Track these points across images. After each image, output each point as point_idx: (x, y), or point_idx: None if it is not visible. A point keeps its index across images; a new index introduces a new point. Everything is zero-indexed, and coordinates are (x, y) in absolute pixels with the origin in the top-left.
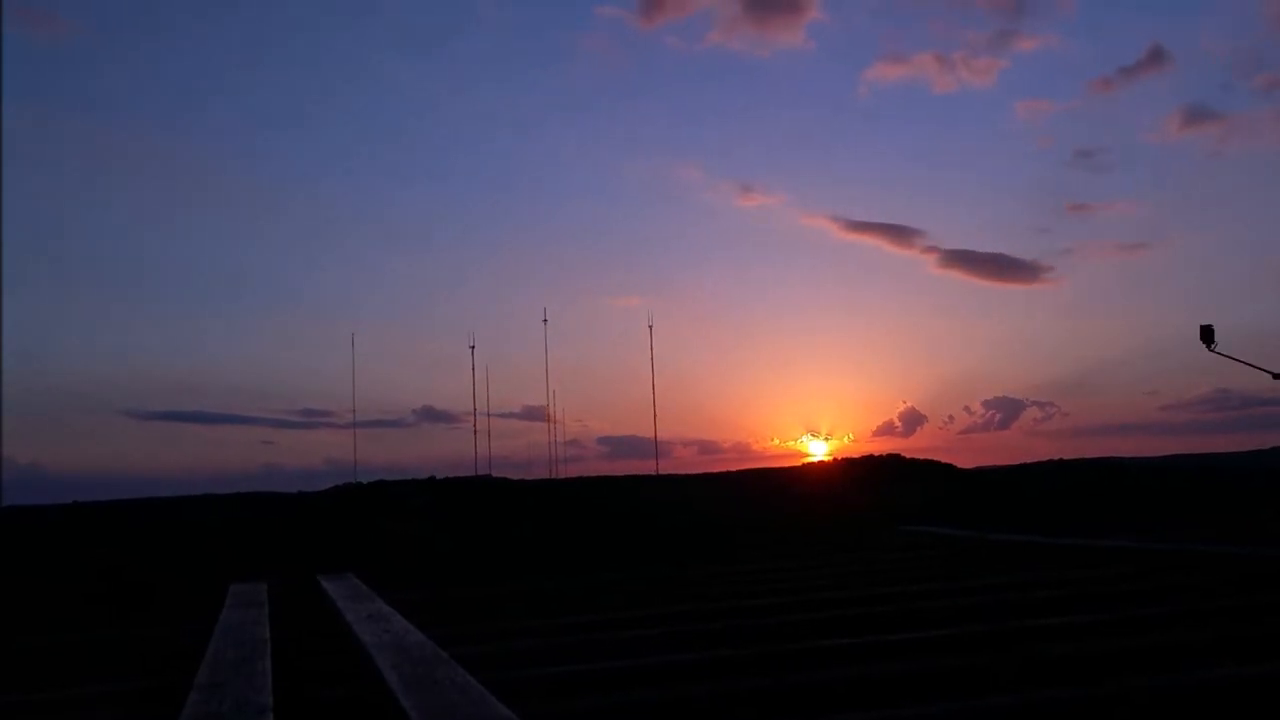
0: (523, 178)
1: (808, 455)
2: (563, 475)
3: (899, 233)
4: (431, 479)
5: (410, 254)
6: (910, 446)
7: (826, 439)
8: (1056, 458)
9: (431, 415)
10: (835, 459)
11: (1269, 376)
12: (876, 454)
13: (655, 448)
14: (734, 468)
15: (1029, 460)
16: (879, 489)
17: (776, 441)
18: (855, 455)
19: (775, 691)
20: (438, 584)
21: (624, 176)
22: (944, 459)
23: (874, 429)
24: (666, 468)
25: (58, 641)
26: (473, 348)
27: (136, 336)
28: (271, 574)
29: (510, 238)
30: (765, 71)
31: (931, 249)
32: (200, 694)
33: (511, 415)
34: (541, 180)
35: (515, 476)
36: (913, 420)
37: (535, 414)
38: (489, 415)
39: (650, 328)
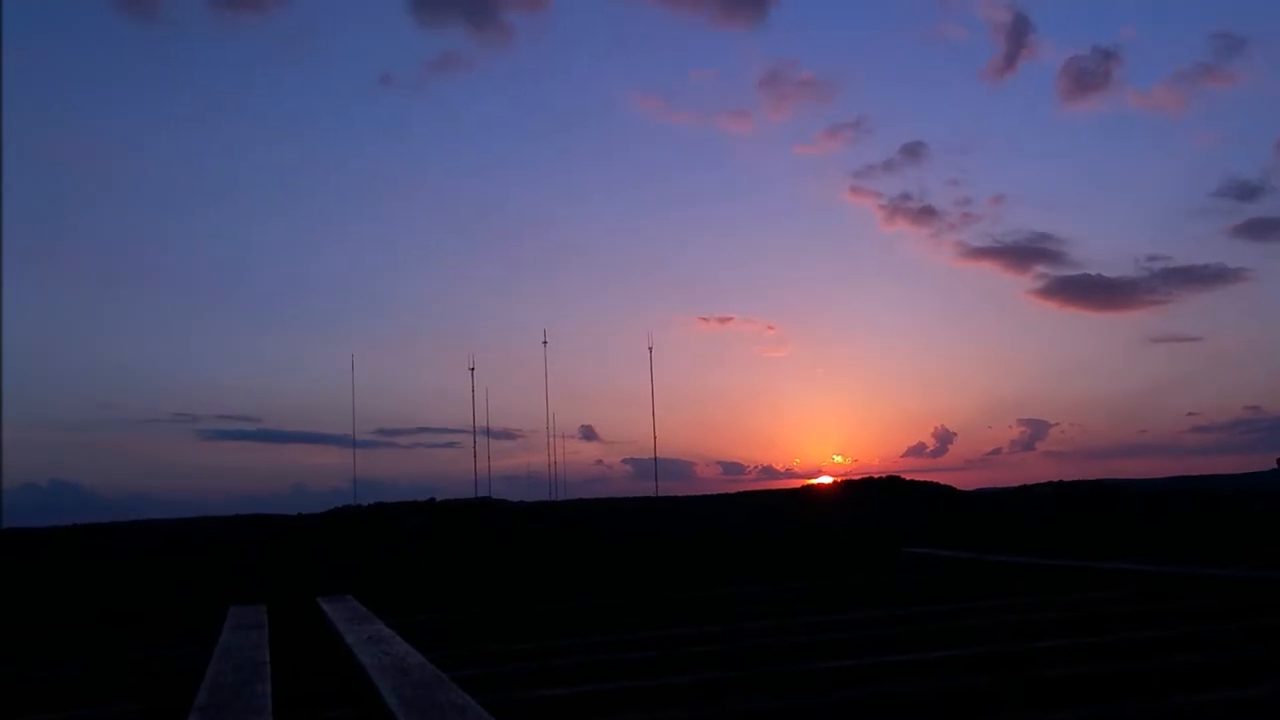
0: (700, 195)
1: (819, 477)
2: (580, 497)
3: (1013, 256)
4: (431, 501)
5: (458, 265)
6: (929, 466)
7: (853, 461)
8: (1056, 479)
9: (490, 433)
10: (835, 481)
11: None
12: (875, 476)
13: (655, 468)
14: (750, 489)
15: (1029, 481)
16: (876, 511)
17: (797, 461)
18: (855, 477)
19: (773, 713)
20: (437, 606)
21: (794, 198)
22: (960, 480)
23: (903, 450)
24: (689, 489)
25: (51, 665)
26: (472, 369)
27: (210, 353)
28: (270, 596)
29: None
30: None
31: (1040, 275)
32: (199, 716)
33: (568, 435)
34: (720, 198)
35: (530, 499)
36: (944, 441)
37: (590, 434)
38: (560, 435)
39: (650, 349)
